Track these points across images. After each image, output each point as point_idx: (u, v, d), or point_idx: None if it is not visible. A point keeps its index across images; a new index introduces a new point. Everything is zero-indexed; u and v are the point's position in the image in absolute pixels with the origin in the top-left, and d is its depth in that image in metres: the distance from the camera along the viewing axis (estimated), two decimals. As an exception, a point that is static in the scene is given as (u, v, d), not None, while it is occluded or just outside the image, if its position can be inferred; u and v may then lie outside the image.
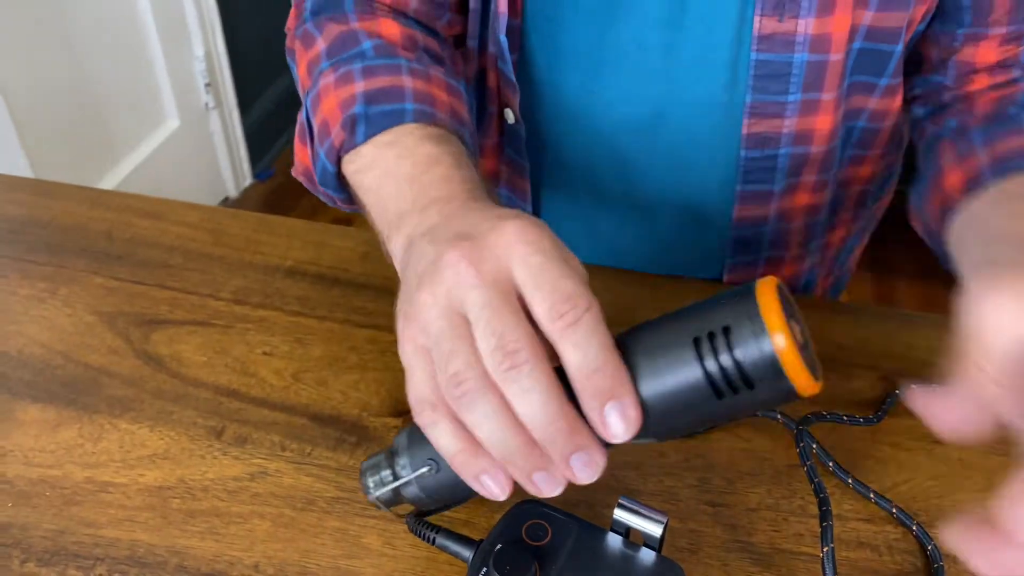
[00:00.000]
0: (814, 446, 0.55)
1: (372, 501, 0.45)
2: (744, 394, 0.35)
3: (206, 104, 2.12)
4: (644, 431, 0.36)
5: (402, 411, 0.58)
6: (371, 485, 0.45)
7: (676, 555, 0.50)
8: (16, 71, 1.56)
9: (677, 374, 0.35)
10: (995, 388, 0.35)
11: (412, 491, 0.44)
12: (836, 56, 0.60)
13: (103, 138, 1.85)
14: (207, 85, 2.09)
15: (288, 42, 0.66)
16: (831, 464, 0.54)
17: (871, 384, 0.61)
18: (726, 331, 0.34)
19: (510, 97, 0.68)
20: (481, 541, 0.45)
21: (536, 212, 0.78)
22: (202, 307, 0.66)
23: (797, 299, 0.38)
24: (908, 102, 0.69)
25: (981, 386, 0.35)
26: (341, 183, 0.55)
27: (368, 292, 0.67)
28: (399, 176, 0.48)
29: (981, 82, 0.63)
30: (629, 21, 0.63)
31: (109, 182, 1.86)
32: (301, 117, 0.58)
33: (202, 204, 0.76)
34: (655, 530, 0.43)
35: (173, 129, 2.04)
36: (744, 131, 0.64)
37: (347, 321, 0.65)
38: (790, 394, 0.35)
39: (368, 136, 0.52)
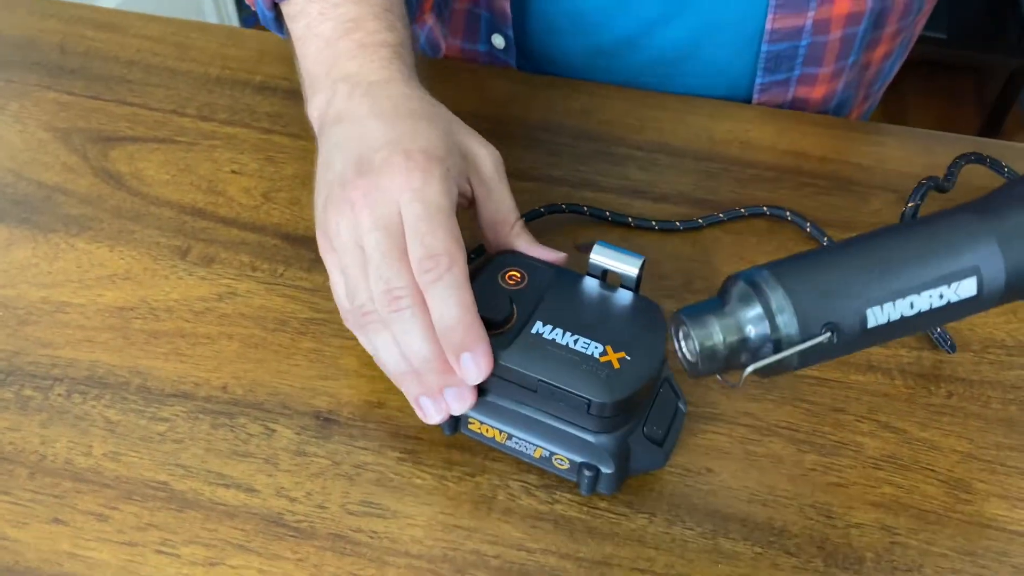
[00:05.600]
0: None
1: (712, 370, 0.35)
2: None
3: (185, -58, 1.99)
4: None
5: (382, 231, 0.54)
6: (724, 350, 0.34)
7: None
8: None
9: None
10: None
11: (788, 361, 0.34)
12: None
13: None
14: (184, -79, 1.95)
15: None
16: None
17: (888, 204, 0.57)
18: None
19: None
20: None
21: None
22: (165, 123, 0.60)
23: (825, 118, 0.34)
24: None
25: None
26: (281, 25, 0.53)
27: (346, 109, 0.61)
28: (318, 35, 0.48)
29: None
30: None
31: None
32: None
33: (164, 16, 0.69)
34: (631, 271, 0.42)
35: (150, -31, 1.92)
36: None
37: (323, 139, 0.59)
38: None
39: None
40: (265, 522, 0.41)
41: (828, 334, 0.33)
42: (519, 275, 0.43)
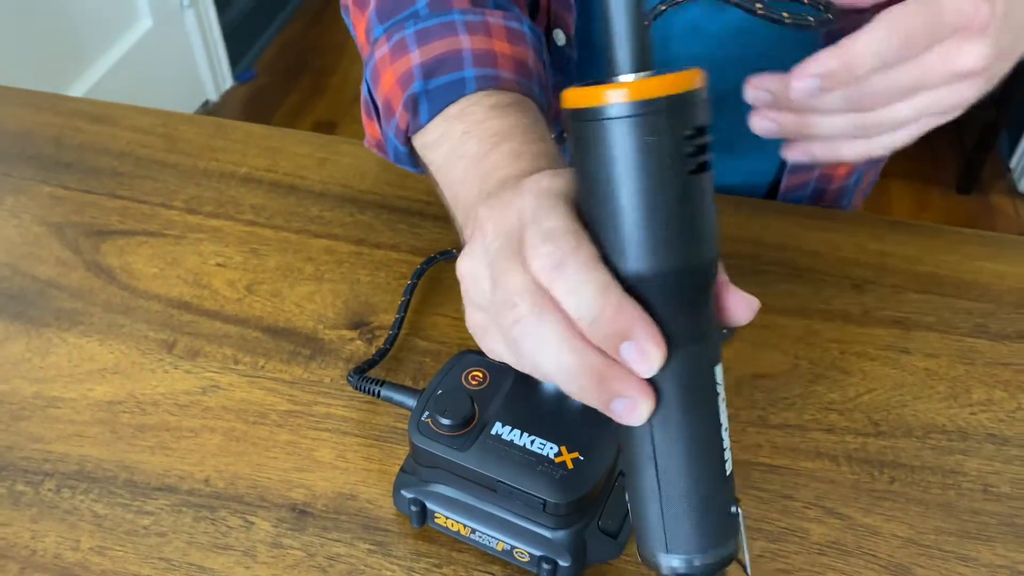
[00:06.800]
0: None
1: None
2: None
3: (181, 2, 2.04)
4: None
5: (358, 323, 0.57)
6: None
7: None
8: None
9: None
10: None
11: None
12: None
13: (70, 41, 1.79)
14: (180, -18, 2.01)
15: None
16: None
17: (841, 292, 0.60)
18: None
19: (565, 17, 0.62)
20: (423, 390, 0.46)
21: None
22: (154, 217, 0.64)
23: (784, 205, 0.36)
24: None
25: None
26: (415, 159, 0.53)
27: (326, 200, 0.65)
28: (466, 156, 0.45)
29: None
30: None
31: (78, 90, 1.81)
32: (363, 91, 0.55)
33: (155, 108, 0.72)
34: None
35: (146, 30, 1.97)
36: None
37: (304, 231, 0.63)
38: None
39: (432, 115, 0.49)
40: (242, 614, 0.44)
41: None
42: (481, 375, 0.46)
